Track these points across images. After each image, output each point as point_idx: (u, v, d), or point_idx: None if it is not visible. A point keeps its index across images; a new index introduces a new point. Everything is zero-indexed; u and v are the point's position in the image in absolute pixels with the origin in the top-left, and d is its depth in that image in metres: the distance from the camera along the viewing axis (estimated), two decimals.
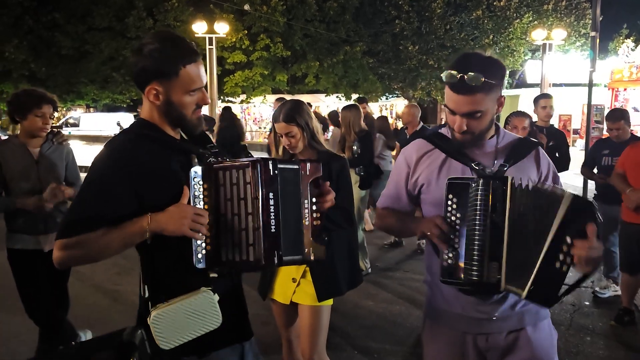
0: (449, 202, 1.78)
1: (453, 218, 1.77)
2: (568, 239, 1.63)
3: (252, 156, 1.78)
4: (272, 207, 1.60)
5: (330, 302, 2.72)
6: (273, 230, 1.60)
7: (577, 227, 1.62)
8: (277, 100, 7.18)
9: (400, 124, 26.52)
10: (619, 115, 5.00)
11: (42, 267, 3.32)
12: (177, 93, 1.68)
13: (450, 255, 1.76)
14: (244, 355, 1.90)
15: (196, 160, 1.72)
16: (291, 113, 2.61)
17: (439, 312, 2.04)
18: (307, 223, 1.72)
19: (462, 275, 1.75)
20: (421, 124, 6.69)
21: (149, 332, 1.64)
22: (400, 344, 4.16)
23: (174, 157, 1.70)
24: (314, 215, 1.76)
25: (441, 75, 1.84)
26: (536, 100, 5.36)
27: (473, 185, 1.74)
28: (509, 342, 1.93)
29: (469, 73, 1.73)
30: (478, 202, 1.72)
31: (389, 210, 2.11)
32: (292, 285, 2.65)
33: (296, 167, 1.71)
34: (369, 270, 5.82)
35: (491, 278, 1.71)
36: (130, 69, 1.69)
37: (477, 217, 1.72)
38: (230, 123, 8.07)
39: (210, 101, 1.85)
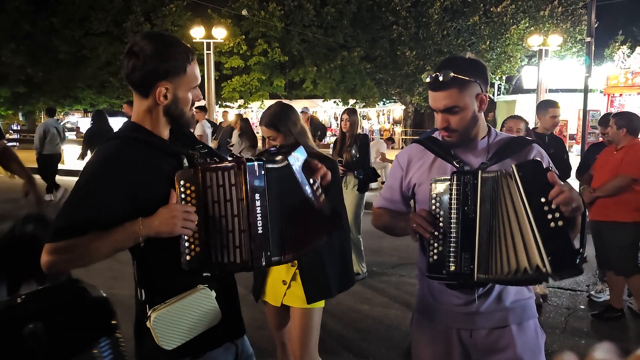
0: (433, 201, 1.86)
1: (437, 216, 1.84)
2: (542, 199, 1.65)
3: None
4: (258, 208, 1.61)
5: (321, 304, 2.71)
6: (260, 231, 1.61)
7: (539, 186, 1.66)
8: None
9: (397, 130, 26.61)
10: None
11: None
12: (183, 90, 1.70)
13: (436, 251, 1.83)
14: (238, 355, 1.90)
15: (186, 161, 1.72)
16: (273, 118, 2.64)
17: (426, 306, 2.09)
18: (318, 200, 1.78)
19: (444, 270, 1.81)
20: None
21: (149, 334, 1.64)
22: (396, 347, 4.15)
23: (164, 159, 1.69)
24: (318, 194, 1.80)
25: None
26: (545, 108, 5.03)
27: (449, 182, 1.83)
28: (493, 340, 1.95)
29: (441, 70, 1.86)
30: (453, 197, 1.81)
31: (385, 210, 2.21)
32: (283, 287, 2.65)
33: (285, 163, 1.72)
34: (366, 274, 5.82)
35: (465, 268, 1.77)
36: (133, 72, 1.66)
37: (453, 211, 1.80)
38: (102, 125, 9.16)
39: (202, 97, 1.86)
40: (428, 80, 1.91)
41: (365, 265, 5.89)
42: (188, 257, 1.62)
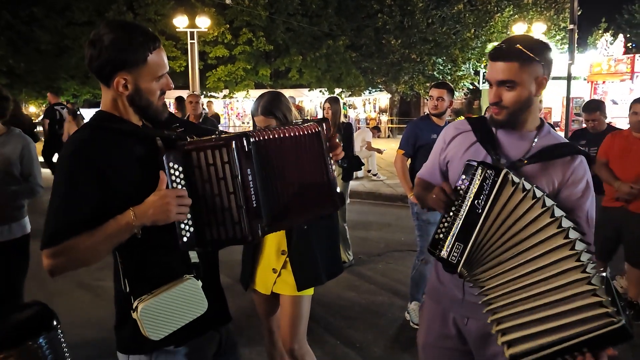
0: (460, 182, 1.81)
1: (460, 195, 1.80)
2: (584, 349, 1.57)
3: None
4: (251, 183, 1.62)
5: (310, 291, 2.73)
6: (254, 205, 1.62)
7: (599, 345, 1.57)
8: (189, 96, 7.13)
9: (383, 118, 26.64)
10: (594, 107, 5.09)
11: None
12: (145, 80, 1.66)
13: (443, 229, 1.80)
14: (221, 343, 1.91)
15: (161, 142, 1.69)
16: (268, 106, 2.59)
17: (432, 287, 2.13)
18: (333, 175, 1.93)
19: (438, 250, 1.80)
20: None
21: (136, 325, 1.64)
22: (382, 334, 4.20)
23: (136, 144, 1.68)
24: (334, 171, 1.93)
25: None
26: None
27: (474, 169, 1.78)
28: (487, 332, 1.93)
29: (508, 42, 1.82)
30: (471, 185, 1.76)
31: (421, 180, 2.20)
32: (273, 275, 2.67)
33: (309, 132, 1.83)
34: (352, 261, 5.86)
35: (453, 258, 1.75)
36: (91, 62, 1.64)
37: (467, 199, 1.76)
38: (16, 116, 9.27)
39: (173, 86, 1.82)
40: (490, 50, 1.85)
41: (352, 253, 5.93)
42: (185, 239, 1.61)
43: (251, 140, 1.64)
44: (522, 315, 1.66)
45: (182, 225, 1.61)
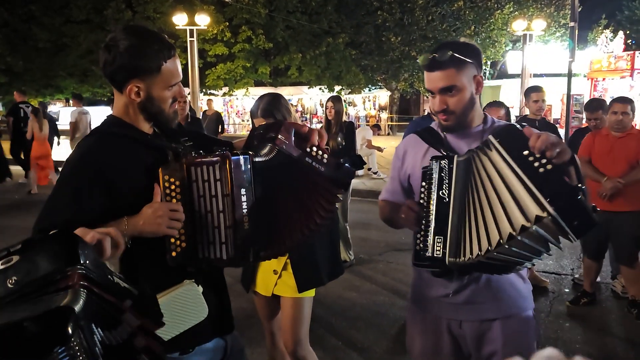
0: (422, 189, 1.85)
1: (424, 205, 1.83)
2: (525, 152, 1.61)
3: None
4: (244, 204, 1.58)
5: (312, 293, 2.72)
6: (246, 227, 1.59)
7: (520, 143, 1.63)
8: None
9: (383, 116, 26.61)
10: (597, 105, 5.06)
11: None
12: (158, 89, 1.65)
13: (421, 239, 1.82)
14: (227, 350, 1.90)
15: (171, 155, 1.69)
16: (268, 108, 2.58)
17: (419, 296, 2.11)
18: (329, 170, 1.67)
19: (423, 257, 1.80)
20: None
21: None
22: (384, 334, 4.19)
23: (146, 153, 1.67)
24: (320, 157, 1.67)
25: (419, 62, 1.94)
26: (527, 94, 5.18)
27: (430, 168, 1.84)
28: (482, 332, 1.95)
29: (438, 51, 1.86)
30: (432, 183, 1.81)
31: (386, 202, 2.20)
32: (274, 277, 2.65)
33: (274, 153, 1.64)
34: (353, 261, 5.84)
35: (437, 252, 1.76)
36: (105, 67, 1.63)
37: (432, 196, 1.81)
38: None
39: (185, 94, 1.81)
40: (424, 62, 1.90)
41: (353, 253, 5.91)
42: (174, 253, 1.60)
43: (251, 159, 1.61)
44: None
45: (173, 240, 1.59)
